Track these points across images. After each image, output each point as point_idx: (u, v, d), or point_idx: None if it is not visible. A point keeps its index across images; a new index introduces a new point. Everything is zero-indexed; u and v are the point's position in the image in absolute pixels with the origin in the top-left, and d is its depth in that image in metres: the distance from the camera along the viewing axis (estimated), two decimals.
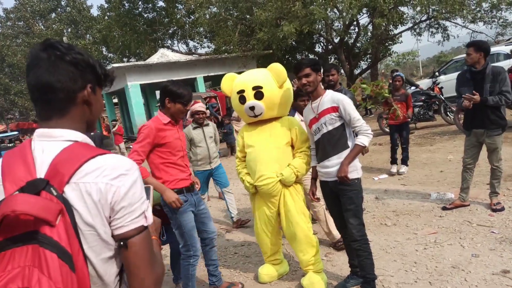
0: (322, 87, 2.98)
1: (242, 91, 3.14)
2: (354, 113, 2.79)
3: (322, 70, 2.94)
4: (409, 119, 6.61)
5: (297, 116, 3.89)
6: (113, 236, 1.01)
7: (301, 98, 3.80)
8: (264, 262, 3.55)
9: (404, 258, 3.49)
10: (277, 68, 3.14)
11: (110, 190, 0.97)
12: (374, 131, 11.48)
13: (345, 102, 2.81)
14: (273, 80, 3.13)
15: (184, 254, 3.04)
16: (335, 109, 2.80)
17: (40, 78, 1.00)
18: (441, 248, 3.56)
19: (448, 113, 9.79)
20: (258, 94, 3.09)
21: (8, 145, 21.74)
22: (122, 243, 1.00)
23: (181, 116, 3.00)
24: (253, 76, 3.20)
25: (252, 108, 3.09)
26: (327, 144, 2.87)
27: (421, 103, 10.09)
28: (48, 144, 1.00)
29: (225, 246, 4.46)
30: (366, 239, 2.91)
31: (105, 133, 18.59)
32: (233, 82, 3.29)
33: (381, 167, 7.04)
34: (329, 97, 2.86)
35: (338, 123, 2.83)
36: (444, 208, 4.50)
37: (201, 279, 3.67)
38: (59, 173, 0.95)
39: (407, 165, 6.48)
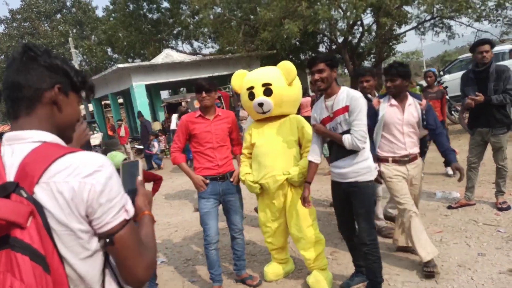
0: (338, 84, 2.84)
1: (252, 87, 3.20)
2: (358, 117, 2.62)
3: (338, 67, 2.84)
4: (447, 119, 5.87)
5: (391, 100, 3.29)
6: (96, 235, 1.01)
7: (363, 77, 3.88)
8: (270, 260, 3.57)
9: (410, 257, 3.50)
10: (287, 65, 3.18)
11: (84, 189, 0.96)
12: None
13: (358, 102, 2.63)
14: (283, 77, 3.17)
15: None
16: (347, 108, 2.67)
17: (10, 77, 1.03)
18: (447, 247, 3.56)
19: (452, 112, 9.75)
20: (267, 91, 3.12)
21: None
22: (108, 240, 1.00)
23: (205, 102, 3.23)
24: (263, 73, 3.26)
25: (261, 104, 3.13)
26: (339, 146, 2.77)
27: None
28: (17, 146, 0.99)
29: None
30: (377, 243, 2.84)
31: (110, 133, 18.70)
32: (243, 79, 3.36)
33: None
34: (344, 95, 2.71)
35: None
36: (449, 207, 4.50)
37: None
38: (28, 175, 0.94)
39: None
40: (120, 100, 21.55)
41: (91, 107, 21.20)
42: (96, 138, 14.88)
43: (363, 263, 2.98)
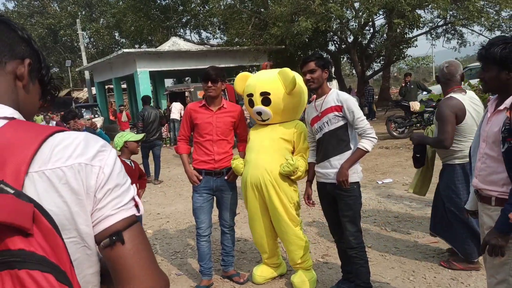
0: (328, 85, 2.87)
1: (251, 95, 3.12)
2: (358, 113, 2.67)
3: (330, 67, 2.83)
4: None
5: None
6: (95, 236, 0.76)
7: None
8: (260, 260, 3.48)
9: (402, 266, 3.40)
10: (286, 74, 3.00)
11: (92, 173, 0.74)
12: (381, 134, 11.35)
13: (350, 101, 2.70)
14: (282, 88, 3.03)
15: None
16: (339, 108, 2.70)
17: None
18: (441, 259, 3.46)
19: None
20: (265, 100, 3.04)
21: None
22: (114, 238, 0.74)
23: (209, 92, 3.14)
24: (262, 81, 3.12)
25: (259, 113, 3.08)
26: (328, 144, 2.77)
27: (432, 108, 9.92)
28: None
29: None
30: (363, 246, 2.81)
31: (112, 118, 18.62)
32: (245, 82, 3.27)
33: (385, 171, 6.93)
34: (334, 96, 2.75)
35: (340, 123, 2.71)
36: None
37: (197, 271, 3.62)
38: (8, 162, 0.68)
39: None
40: (124, 86, 21.46)
41: (94, 90, 21.13)
42: (97, 122, 14.83)
43: (351, 268, 2.90)
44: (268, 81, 3.09)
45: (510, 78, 1.83)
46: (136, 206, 0.81)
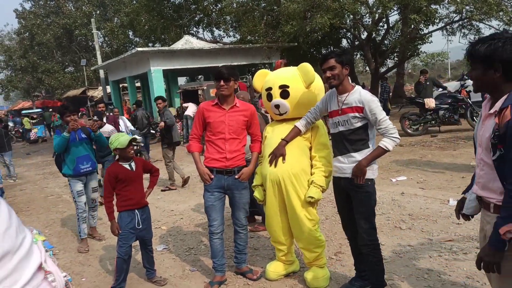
0: (350, 81, 2.82)
1: (270, 88, 3.20)
2: (380, 114, 2.62)
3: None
4: None
5: None
6: None
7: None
8: (273, 256, 3.50)
9: (416, 264, 3.38)
10: (305, 68, 3.11)
11: None
12: None
13: (373, 102, 2.64)
14: (301, 80, 3.11)
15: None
16: (360, 109, 2.66)
17: None
18: (456, 257, 3.43)
19: (474, 117, 9.45)
20: (284, 93, 3.11)
21: (33, 121, 22.35)
22: None
23: (222, 91, 3.16)
24: (282, 75, 3.21)
25: (277, 106, 3.14)
26: (345, 141, 2.74)
27: (447, 105, 9.78)
28: None
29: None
30: (377, 244, 2.78)
31: (126, 116, 18.84)
32: (264, 79, 3.35)
33: (399, 169, 6.86)
34: (356, 96, 2.69)
35: (360, 123, 2.69)
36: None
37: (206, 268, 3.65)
38: None
39: None
40: (138, 84, 21.68)
41: (108, 89, 21.39)
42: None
43: (365, 266, 2.88)
44: (287, 75, 3.18)
45: (496, 77, 1.72)
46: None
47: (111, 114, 8.99)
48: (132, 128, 8.69)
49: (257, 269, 3.52)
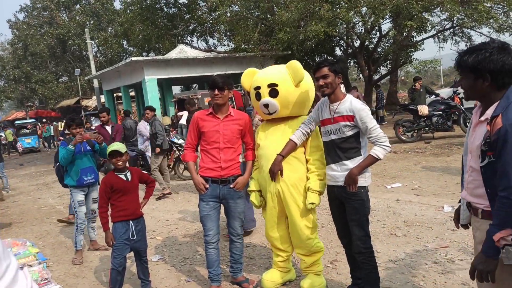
0: (343, 90, 2.83)
1: (258, 87, 3.13)
2: (371, 123, 2.64)
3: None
4: None
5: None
6: None
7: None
8: (269, 265, 3.48)
9: (412, 271, 3.38)
10: (294, 66, 3.07)
11: None
12: (390, 138, 11.31)
13: (363, 111, 2.65)
14: (290, 78, 3.07)
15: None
16: (351, 117, 2.67)
17: None
18: (451, 264, 3.43)
19: (467, 124, 9.53)
20: (273, 92, 3.05)
21: (26, 131, 22.22)
22: None
23: (216, 100, 3.16)
24: (270, 73, 3.16)
25: (266, 105, 3.08)
26: (337, 149, 2.76)
27: (440, 112, 9.86)
28: None
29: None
30: (372, 251, 2.78)
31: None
32: (252, 78, 3.28)
33: (394, 175, 6.89)
34: (348, 105, 2.70)
35: (351, 132, 2.70)
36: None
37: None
38: None
39: None
40: (132, 93, 21.65)
41: (102, 98, 21.34)
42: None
43: (360, 274, 2.88)
44: (275, 73, 3.13)
45: (485, 86, 1.75)
46: None
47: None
48: (146, 134, 7.97)
49: (253, 279, 3.50)
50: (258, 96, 3.14)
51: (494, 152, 1.68)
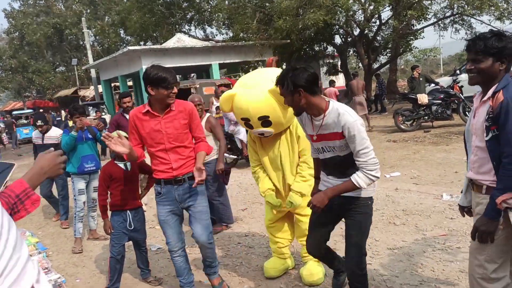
0: (325, 97, 2.35)
1: (247, 119, 2.92)
2: (361, 143, 2.19)
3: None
4: None
5: None
6: None
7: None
8: (268, 254, 3.50)
9: (410, 259, 3.39)
10: (278, 92, 2.77)
11: None
12: (389, 127, 11.25)
13: (352, 128, 2.18)
14: (278, 103, 2.80)
15: None
16: (340, 136, 2.26)
17: None
18: (450, 251, 3.45)
19: (467, 112, 9.51)
20: (266, 123, 2.89)
21: (24, 122, 22.14)
22: None
23: (168, 101, 2.71)
24: (256, 105, 2.84)
25: (261, 134, 2.99)
26: (334, 167, 2.42)
27: (439, 101, 9.83)
28: None
29: (229, 235, 4.41)
30: (366, 273, 2.46)
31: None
32: (231, 103, 3.00)
33: (393, 164, 6.89)
34: (334, 118, 2.25)
35: (347, 151, 2.31)
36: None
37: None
38: None
39: None
40: (130, 83, 21.54)
41: (100, 88, 21.24)
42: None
43: (337, 265, 2.85)
44: (262, 104, 2.82)
45: (501, 69, 1.90)
46: None
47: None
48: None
49: (225, 284, 3.20)
50: (249, 126, 2.97)
51: (498, 126, 1.84)
